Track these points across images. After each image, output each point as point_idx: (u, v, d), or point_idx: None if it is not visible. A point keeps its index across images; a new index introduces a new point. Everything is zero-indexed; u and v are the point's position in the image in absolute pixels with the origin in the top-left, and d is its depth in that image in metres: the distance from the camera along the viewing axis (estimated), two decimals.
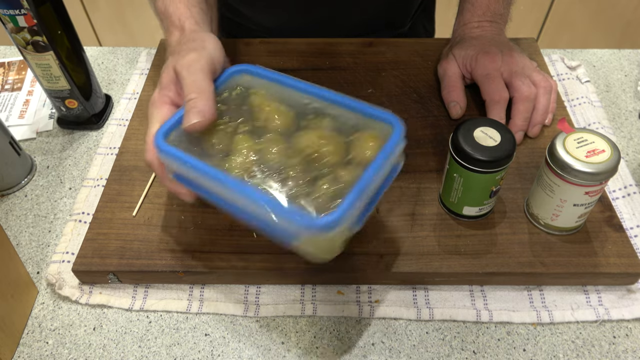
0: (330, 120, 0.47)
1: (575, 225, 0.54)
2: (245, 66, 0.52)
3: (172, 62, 0.50)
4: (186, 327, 0.53)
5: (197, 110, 0.46)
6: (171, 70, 0.49)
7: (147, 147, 0.47)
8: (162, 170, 0.47)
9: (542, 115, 0.63)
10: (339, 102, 0.47)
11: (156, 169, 0.48)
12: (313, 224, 0.39)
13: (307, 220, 0.39)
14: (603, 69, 0.78)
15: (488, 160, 0.49)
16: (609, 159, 0.48)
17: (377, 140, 0.45)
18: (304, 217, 0.40)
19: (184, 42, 0.52)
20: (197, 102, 0.46)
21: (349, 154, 0.45)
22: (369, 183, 0.41)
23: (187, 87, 0.47)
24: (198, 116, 0.45)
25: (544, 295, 0.53)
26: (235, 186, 0.42)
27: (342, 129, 0.47)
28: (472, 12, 0.70)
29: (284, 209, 0.40)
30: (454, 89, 0.67)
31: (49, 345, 0.52)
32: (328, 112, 0.48)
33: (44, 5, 0.59)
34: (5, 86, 0.79)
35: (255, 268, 0.53)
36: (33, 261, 0.58)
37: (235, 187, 0.42)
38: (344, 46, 0.77)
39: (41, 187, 0.65)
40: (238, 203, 0.43)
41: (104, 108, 0.73)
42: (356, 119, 0.47)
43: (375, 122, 0.46)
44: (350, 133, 0.46)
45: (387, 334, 0.52)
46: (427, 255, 0.53)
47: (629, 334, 0.51)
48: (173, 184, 0.48)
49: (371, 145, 0.45)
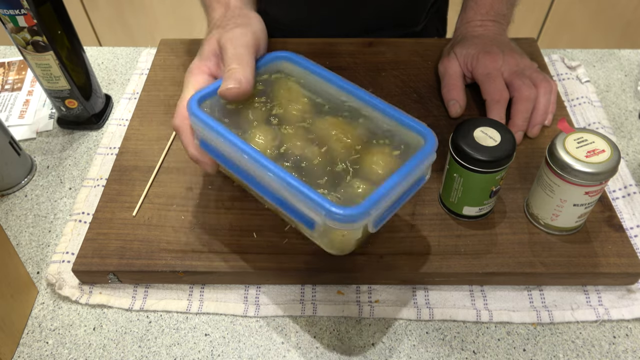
0: (364, 121, 0.48)
1: (575, 225, 0.54)
2: (288, 53, 0.52)
3: (216, 35, 0.50)
4: (186, 327, 0.53)
5: (236, 77, 0.46)
6: (214, 42, 0.50)
7: (178, 111, 0.48)
8: (188, 136, 0.47)
9: (542, 115, 0.63)
10: (375, 106, 0.47)
11: (183, 134, 0.48)
12: (334, 213, 0.39)
13: (330, 209, 0.39)
14: (603, 69, 0.78)
15: (488, 160, 0.49)
16: (609, 159, 0.48)
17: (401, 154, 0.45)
18: (327, 205, 0.39)
19: (229, 17, 0.53)
20: (237, 71, 0.47)
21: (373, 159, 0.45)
22: (394, 186, 0.41)
23: (229, 58, 0.48)
24: (235, 83, 0.46)
25: (544, 295, 0.53)
26: (264, 162, 0.42)
27: (375, 131, 0.47)
28: (476, 11, 0.70)
29: (308, 193, 0.40)
30: (454, 88, 0.67)
31: (49, 345, 0.52)
32: (363, 113, 0.48)
33: (44, 5, 0.59)
34: (5, 86, 0.79)
35: (255, 268, 0.53)
36: (33, 261, 0.58)
37: (264, 163, 0.42)
38: (344, 46, 0.77)
39: (41, 187, 0.65)
40: (262, 179, 0.43)
41: (104, 108, 0.73)
42: (389, 125, 0.47)
43: (408, 132, 0.46)
44: (382, 138, 0.46)
45: (387, 334, 0.52)
46: (427, 255, 0.53)
47: (629, 334, 0.51)
48: (197, 152, 0.47)
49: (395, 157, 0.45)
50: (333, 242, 0.44)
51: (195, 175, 0.61)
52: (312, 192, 0.40)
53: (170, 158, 0.63)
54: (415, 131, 0.45)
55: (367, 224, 0.41)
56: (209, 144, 0.47)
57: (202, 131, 0.46)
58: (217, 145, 0.46)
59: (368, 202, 0.40)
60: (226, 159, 0.46)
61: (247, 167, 0.44)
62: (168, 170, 0.62)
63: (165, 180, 0.61)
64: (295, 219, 0.43)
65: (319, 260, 0.53)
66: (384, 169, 0.44)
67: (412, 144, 0.45)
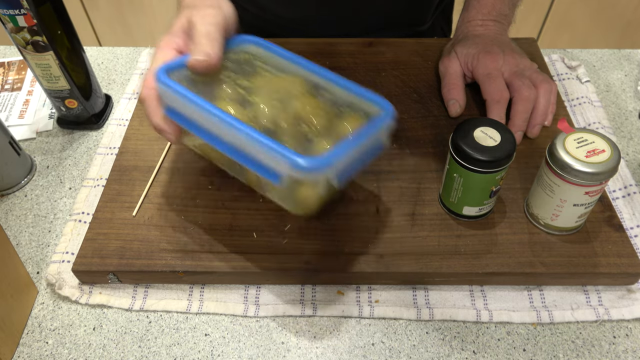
0: (328, 95, 0.50)
1: (575, 225, 0.54)
2: (255, 37, 0.54)
3: (187, 13, 0.51)
4: (186, 327, 0.53)
5: (204, 51, 0.48)
6: (184, 19, 0.51)
7: (145, 83, 0.48)
8: (154, 105, 0.48)
9: (542, 116, 0.63)
10: (336, 81, 0.50)
11: (149, 104, 0.48)
12: (298, 162, 0.41)
13: (293, 158, 0.41)
14: (603, 69, 0.78)
15: (488, 160, 0.49)
16: (609, 159, 0.48)
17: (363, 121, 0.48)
18: (292, 155, 0.42)
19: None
20: (205, 45, 0.48)
21: (336, 124, 0.48)
22: (355, 143, 0.44)
23: (199, 34, 0.49)
24: (204, 55, 0.47)
25: (544, 295, 0.53)
26: (230, 120, 0.44)
27: (339, 103, 0.49)
28: (478, 10, 0.70)
29: (273, 145, 0.42)
30: (454, 87, 0.67)
31: (49, 345, 0.52)
32: (327, 88, 0.50)
33: (44, 5, 0.59)
34: (5, 86, 0.79)
35: (255, 268, 0.53)
36: (33, 261, 0.58)
37: (229, 121, 0.44)
38: (344, 46, 0.77)
39: (41, 187, 0.65)
40: (228, 139, 0.45)
41: (104, 108, 0.73)
42: (350, 98, 0.49)
43: (369, 104, 0.49)
44: (343, 107, 0.49)
45: (387, 334, 0.52)
46: (427, 255, 0.53)
47: (629, 334, 0.51)
48: (162, 121, 0.48)
49: (357, 123, 0.48)
50: (297, 199, 0.46)
51: (195, 175, 0.61)
52: (277, 145, 0.42)
53: (170, 158, 0.63)
54: (376, 103, 0.48)
55: (330, 178, 0.44)
56: (176, 111, 0.48)
57: (170, 97, 0.47)
58: (184, 110, 0.47)
59: (331, 153, 0.43)
60: (193, 123, 0.47)
61: (214, 128, 0.46)
62: (168, 170, 0.62)
63: (165, 180, 0.61)
64: (261, 174, 0.45)
65: (319, 260, 0.53)
66: (346, 132, 0.47)
67: (372, 114, 0.48)
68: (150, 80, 0.48)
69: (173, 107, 0.48)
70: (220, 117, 0.44)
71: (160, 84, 0.47)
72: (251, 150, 0.44)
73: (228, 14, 0.53)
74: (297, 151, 0.43)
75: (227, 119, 0.44)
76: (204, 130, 0.47)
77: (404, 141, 0.64)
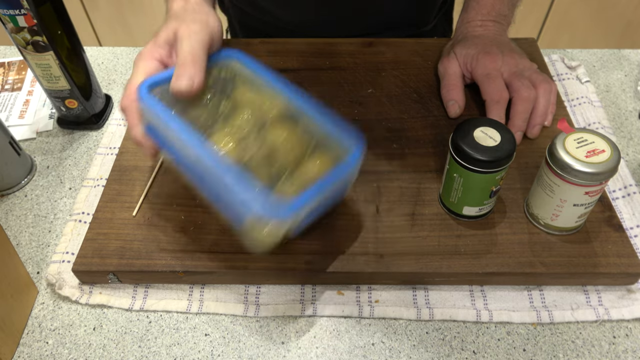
0: (302, 122, 0.49)
1: (575, 225, 0.54)
2: (239, 54, 0.53)
3: (174, 24, 0.52)
4: (186, 327, 0.53)
5: (189, 75, 0.48)
6: (171, 31, 0.52)
7: (126, 93, 0.49)
8: (135, 118, 0.49)
9: (541, 116, 0.63)
10: (312, 113, 0.49)
11: (129, 116, 0.49)
12: (264, 207, 0.41)
13: (259, 203, 0.42)
14: (603, 69, 0.78)
15: (488, 160, 0.49)
16: (609, 159, 0.48)
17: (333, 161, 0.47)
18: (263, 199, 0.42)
19: (189, 11, 0.55)
20: (189, 68, 0.48)
21: (307, 161, 0.47)
22: (318, 192, 0.44)
23: (183, 53, 0.49)
24: (188, 81, 0.48)
25: (544, 295, 0.53)
26: (203, 155, 0.44)
27: (311, 134, 0.49)
28: (477, 11, 0.71)
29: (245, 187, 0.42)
30: (453, 88, 0.67)
31: (49, 345, 0.52)
32: (302, 116, 0.50)
33: (44, 5, 0.59)
34: (5, 86, 0.79)
35: (255, 268, 0.53)
36: (33, 261, 0.58)
37: (203, 157, 0.44)
38: (344, 46, 0.77)
39: (41, 187, 0.65)
40: (200, 168, 0.45)
41: (104, 108, 0.73)
42: (324, 132, 0.49)
43: (340, 141, 0.48)
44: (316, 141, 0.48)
45: (387, 334, 0.52)
46: (427, 255, 0.53)
47: (629, 334, 0.51)
48: (141, 136, 0.49)
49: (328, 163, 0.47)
50: (255, 239, 0.45)
51: None
52: (246, 190, 0.43)
53: None
54: (347, 142, 0.47)
55: (291, 225, 0.44)
56: (155, 130, 0.48)
57: (150, 117, 0.48)
58: (162, 132, 0.47)
59: (296, 201, 0.43)
60: (170, 145, 0.47)
61: (190, 158, 0.46)
62: (168, 170, 0.62)
63: (165, 180, 0.61)
64: (226, 213, 0.45)
65: (319, 260, 0.53)
66: (315, 172, 0.47)
67: (343, 154, 0.47)
68: (132, 91, 0.48)
69: (152, 125, 0.48)
70: (196, 151, 0.44)
71: (141, 101, 0.47)
72: (219, 188, 0.44)
73: (214, 29, 0.53)
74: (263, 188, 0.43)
75: (202, 154, 0.44)
76: (180, 156, 0.47)
77: (404, 141, 0.64)
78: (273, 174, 0.46)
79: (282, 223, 0.43)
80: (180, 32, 0.51)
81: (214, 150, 0.46)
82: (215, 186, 0.45)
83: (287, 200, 0.43)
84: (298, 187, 0.45)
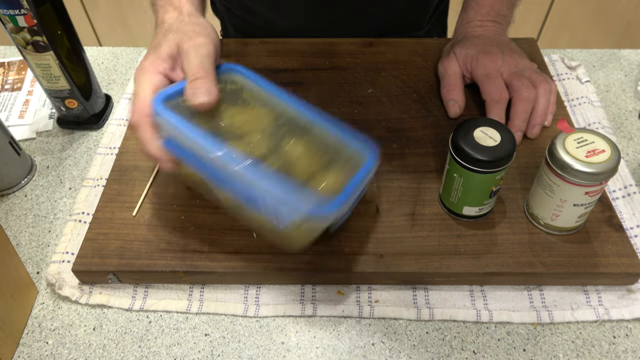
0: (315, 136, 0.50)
1: (575, 225, 0.54)
2: (240, 67, 0.53)
3: (176, 38, 0.51)
4: (186, 327, 0.53)
5: (206, 89, 0.47)
6: (174, 45, 0.51)
7: (136, 108, 0.48)
8: (149, 133, 0.47)
9: (541, 116, 0.63)
10: (320, 124, 0.50)
11: (142, 131, 0.48)
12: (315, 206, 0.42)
13: (309, 202, 0.42)
14: (603, 69, 0.78)
15: (488, 160, 0.49)
16: (609, 159, 0.48)
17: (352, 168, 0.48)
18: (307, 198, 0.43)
19: (186, 23, 0.54)
20: (205, 82, 0.48)
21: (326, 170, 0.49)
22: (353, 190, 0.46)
23: (194, 67, 0.49)
24: (206, 95, 0.47)
25: (544, 295, 0.53)
26: (241, 163, 0.44)
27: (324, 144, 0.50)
28: (476, 11, 0.71)
29: (286, 191, 0.43)
30: (453, 88, 0.67)
31: (49, 345, 0.52)
32: (313, 129, 0.50)
33: (44, 5, 0.59)
34: (5, 86, 0.79)
35: (255, 268, 0.53)
36: (33, 261, 0.58)
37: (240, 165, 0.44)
38: (344, 46, 0.77)
39: (41, 187, 0.65)
40: (234, 179, 0.45)
41: (104, 108, 0.73)
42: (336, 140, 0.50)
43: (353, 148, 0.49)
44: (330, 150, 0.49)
45: (387, 334, 0.52)
46: (427, 255, 0.53)
47: (629, 334, 0.51)
48: (158, 150, 0.48)
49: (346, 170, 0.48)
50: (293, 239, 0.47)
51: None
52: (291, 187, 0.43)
53: None
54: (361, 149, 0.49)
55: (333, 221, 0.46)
56: (176, 143, 0.47)
57: (170, 130, 0.47)
58: (185, 144, 0.46)
59: (343, 196, 0.44)
60: (194, 157, 0.47)
61: (221, 166, 0.45)
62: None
63: (165, 180, 0.61)
64: (267, 216, 0.45)
65: (319, 260, 0.53)
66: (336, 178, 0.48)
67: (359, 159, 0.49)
68: (142, 106, 0.47)
69: (172, 138, 0.47)
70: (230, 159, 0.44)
71: (159, 116, 0.46)
72: (254, 192, 0.44)
73: (215, 40, 0.52)
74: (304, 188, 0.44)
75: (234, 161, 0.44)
76: (207, 166, 0.46)
77: (404, 141, 0.64)
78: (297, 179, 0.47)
79: (327, 218, 0.44)
80: (185, 46, 0.50)
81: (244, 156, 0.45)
82: (249, 191, 0.44)
83: (330, 197, 0.44)
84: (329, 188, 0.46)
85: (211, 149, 0.44)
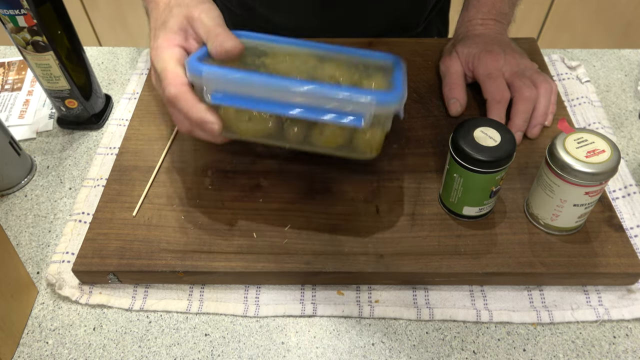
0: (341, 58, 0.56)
1: (575, 226, 0.54)
2: (246, 32, 0.56)
3: (182, 11, 0.51)
4: (186, 327, 0.53)
5: (229, 37, 0.49)
6: (183, 18, 0.51)
7: (169, 81, 0.47)
8: (191, 99, 0.47)
9: (542, 116, 0.63)
10: (339, 50, 0.56)
11: (183, 100, 0.47)
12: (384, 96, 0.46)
13: (378, 94, 0.46)
14: (603, 69, 0.78)
15: (488, 160, 0.49)
16: (609, 159, 0.48)
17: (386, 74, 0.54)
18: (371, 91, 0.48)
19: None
20: (226, 34, 0.49)
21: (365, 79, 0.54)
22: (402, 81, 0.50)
23: (209, 26, 0.50)
24: (232, 40, 0.49)
25: (544, 295, 0.53)
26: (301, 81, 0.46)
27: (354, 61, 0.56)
28: (478, 9, 0.71)
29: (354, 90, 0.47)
30: (455, 87, 0.67)
31: (49, 345, 0.52)
32: (335, 55, 0.56)
33: (44, 5, 0.59)
34: (5, 86, 0.79)
35: (255, 268, 0.53)
36: (33, 261, 0.58)
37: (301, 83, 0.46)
38: None
39: (41, 187, 0.65)
40: (299, 101, 0.46)
41: (104, 108, 0.73)
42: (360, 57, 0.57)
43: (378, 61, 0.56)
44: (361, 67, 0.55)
45: (387, 334, 0.52)
46: (427, 255, 0.53)
47: (629, 334, 0.51)
48: (206, 113, 0.47)
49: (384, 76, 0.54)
50: (364, 144, 0.51)
51: (195, 175, 0.61)
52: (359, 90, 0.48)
53: (170, 158, 0.63)
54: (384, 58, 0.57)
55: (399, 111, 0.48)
56: (228, 93, 0.47)
57: (217, 83, 0.46)
58: (239, 90, 0.47)
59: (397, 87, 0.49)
60: (250, 99, 0.47)
61: (282, 95, 0.46)
62: (168, 170, 0.62)
63: (165, 180, 0.61)
64: (342, 122, 0.46)
65: (319, 260, 0.53)
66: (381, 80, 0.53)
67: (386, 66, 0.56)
68: (175, 76, 0.47)
69: (224, 91, 0.47)
70: (289, 81, 0.46)
71: (203, 73, 0.46)
72: (326, 104, 0.46)
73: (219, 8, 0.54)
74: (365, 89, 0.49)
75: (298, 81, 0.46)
76: (264, 101, 0.47)
77: (404, 141, 0.64)
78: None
79: (397, 105, 0.47)
80: (195, 14, 0.50)
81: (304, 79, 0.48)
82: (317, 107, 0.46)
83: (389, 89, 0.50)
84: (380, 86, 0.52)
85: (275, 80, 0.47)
